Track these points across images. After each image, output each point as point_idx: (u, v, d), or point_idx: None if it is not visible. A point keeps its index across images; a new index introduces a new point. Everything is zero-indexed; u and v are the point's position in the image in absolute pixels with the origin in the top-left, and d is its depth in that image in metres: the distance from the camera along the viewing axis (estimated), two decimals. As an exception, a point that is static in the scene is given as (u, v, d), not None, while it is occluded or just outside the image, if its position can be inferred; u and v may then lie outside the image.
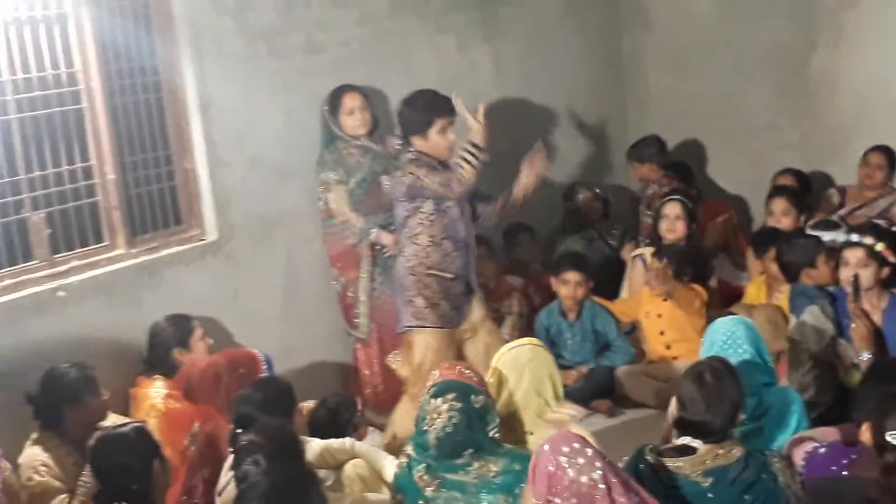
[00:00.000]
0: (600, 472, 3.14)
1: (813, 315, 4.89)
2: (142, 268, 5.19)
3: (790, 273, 5.49)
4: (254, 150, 5.62)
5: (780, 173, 6.92)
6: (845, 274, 5.02)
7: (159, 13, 5.28)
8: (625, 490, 3.15)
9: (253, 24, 5.58)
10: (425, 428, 3.75)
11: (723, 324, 4.46)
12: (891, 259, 5.05)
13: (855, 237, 5.14)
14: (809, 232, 5.85)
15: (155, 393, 4.79)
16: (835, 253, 5.31)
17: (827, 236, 5.59)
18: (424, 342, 5.14)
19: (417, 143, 5.15)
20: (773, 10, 7.35)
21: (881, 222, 5.96)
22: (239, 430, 3.98)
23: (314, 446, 4.25)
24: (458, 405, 3.73)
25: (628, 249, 6.87)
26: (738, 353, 4.27)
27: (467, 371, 3.94)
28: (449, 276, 5.17)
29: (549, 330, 6.20)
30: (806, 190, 6.79)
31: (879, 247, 5.04)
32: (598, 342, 6.18)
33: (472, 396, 3.79)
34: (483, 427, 3.77)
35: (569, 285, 6.13)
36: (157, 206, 5.38)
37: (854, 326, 4.39)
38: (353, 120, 5.78)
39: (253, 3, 5.58)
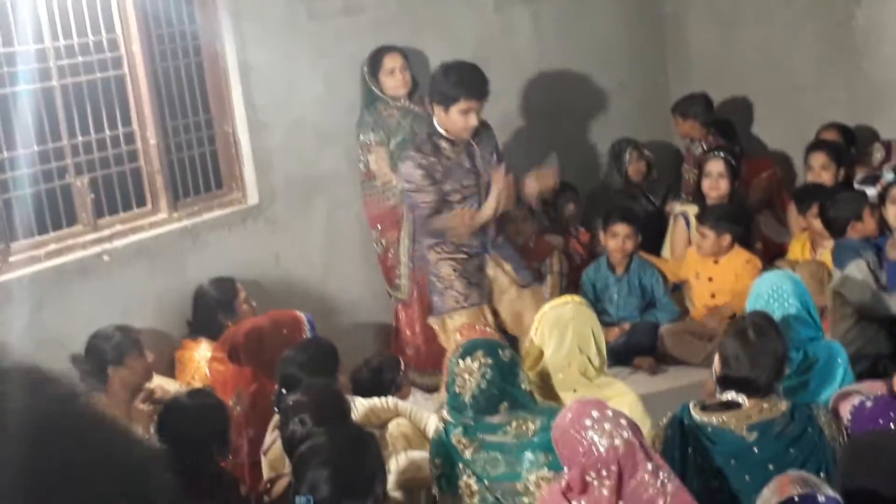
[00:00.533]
0: (629, 430, 3.11)
1: (859, 268, 4.83)
2: (184, 232, 5.23)
3: (835, 228, 5.42)
4: (294, 113, 5.63)
5: (823, 128, 6.84)
6: (893, 211, 4.93)
7: (198, -23, 5.29)
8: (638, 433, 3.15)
9: (291, -13, 5.58)
10: (458, 390, 3.75)
11: (769, 278, 4.43)
12: None
13: None
14: (857, 187, 5.78)
15: (199, 356, 4.84)
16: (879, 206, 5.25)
17: (873, 191, 5.52)
18: (452, 325, 5.10)
19: (437, 112, 5.03)
20: (817, -35, 7.25)
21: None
22: (284, 391, 4.01)
23: (359, 406, 4.27)
24: (489, 361, 3.72)
25: (672, 207, 6.84)
26: (784, 307, 4.24)
27: (488, 329, 3.96)
28: (461, 256, 5.14)
29: (596, 285, 6.20)
30: (849, 144, 6.71)
31: None
32: (644, 298, 6.18)
33: (500, 351, 3.78)
34: (514, 380, 3.76)
35: (618, 238, 6.11)
36: (199, 171, 5.42)
37: None
38: (394, 80, 5.76)
39: (292, -34, 5.58)
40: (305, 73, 5.67)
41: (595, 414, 3.13)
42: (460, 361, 3.76)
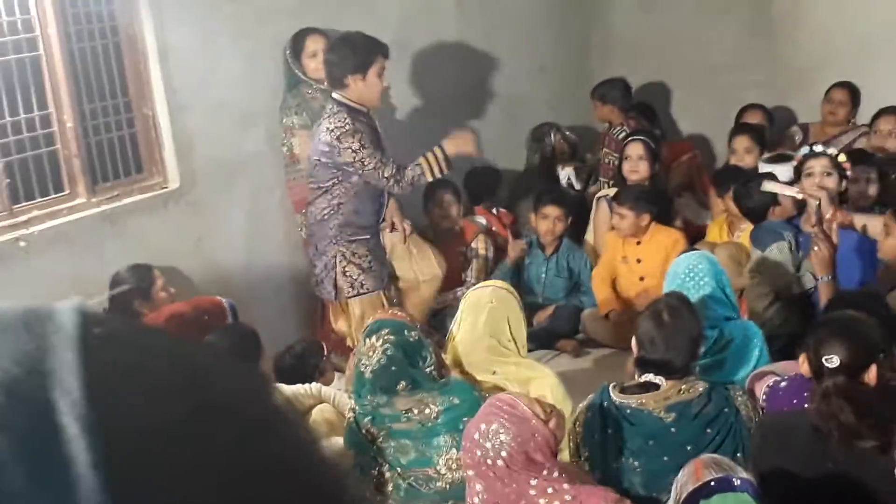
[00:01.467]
0: (505, 453, 3.04)
1: (780, 250, 4.90)
2: (103, 217, 5.14)
3: (755, 216, 5.45)
4: (215, 95, 5.55)
5: (744, 109, 6.94)
6: (809, 182, 4.99)
7: (114, -43, 5.19)
8: (526, 467, 3.07)
9: (211, -33, 5.50)
10: (362, 368, 3.76)
11: (685, 258, 4.50)
12: (849, 173, 5.07)
13: (818, 147, 5.14)
14: (762, 165, 5.86)
15: (117, 349, 4.74)
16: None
17: (779, 169, 5.58)
18: (370, 307, 5.12)
19: (353, 84, 4.99)
20: (736, -52, 7.35)
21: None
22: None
23: (282, 392, 4.24)
24: (392, 338, 3.74)
25: (595, 190, 6.90)
26: (700, 286, 4.31)
27: (400, 313, 4.00)
28: (368, 236, 5.18)
29: (524, 262, 6.23)
30: (769, 125, 6.82)
31: (841, 157, 5.03)
32: (570, 280, 6.22)
33: (406, 332, 3.80)
34: (418, 361, 3.77)
35: (548, 220, 6.14)
36: (118, 154, 5.31)
37: (816, 250, 4.38)
38: (317, 63, 5.70)
39: (211, -54, 5.49)
40: (226, 55, 5.59)
41: (492, 427, 3.07)
42: (366, 340, 3.78)
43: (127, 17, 5.25)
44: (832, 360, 3.14)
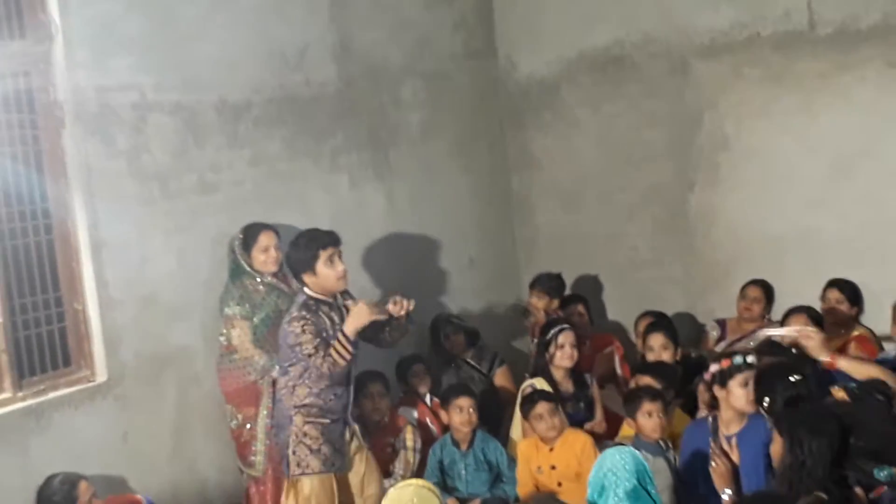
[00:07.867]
0: None
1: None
2: (29, 411, 5.12)
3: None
4: (146, 289, 5.64)
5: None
6: (742, 393, 5.05)
7: (52, 157, 5.32)
8: None
9: (147, 166, 5.65)
10: None
11: (609, 455, 4.51)
12: None
13: (751, 359, 5.22)
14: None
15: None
16: None
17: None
18: (310, 487, 5.20)
19: (309, 280, 5.24)
20: (653, 152, 7.68)
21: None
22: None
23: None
24: None
25: (500, 374, 7.00)
26: (625, 485, 4.34)
27: None
28: (327, 420, 5.26)
29: (443, 462, 6.22)
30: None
31: (751, 359, 5.14)
32: (491, 472, 6.23)
33: None
34: None
35: (463, 412, 6.17)
36: (47, 348, 5.33)
37: (714, 466, 4.45)
38: (267, 257, 5.83)
39: (147, 146, 5.66)
40: (159, 250, 5.70)
41: None
42: None
43: (61, 215, 5.36)
44: None
